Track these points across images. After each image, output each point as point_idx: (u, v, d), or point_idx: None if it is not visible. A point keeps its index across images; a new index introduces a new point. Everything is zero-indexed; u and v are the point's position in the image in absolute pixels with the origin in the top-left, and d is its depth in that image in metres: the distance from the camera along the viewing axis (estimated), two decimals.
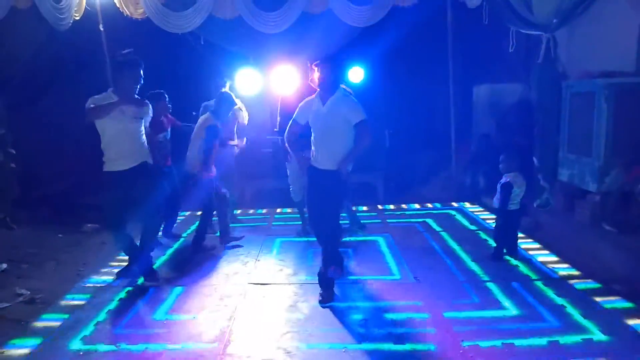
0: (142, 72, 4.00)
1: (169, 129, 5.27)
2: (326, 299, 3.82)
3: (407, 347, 3.14)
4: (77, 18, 5.69)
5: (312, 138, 3.91)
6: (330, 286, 3.91)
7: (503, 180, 4.51)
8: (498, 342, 3.13)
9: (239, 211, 6.59)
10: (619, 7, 4.98)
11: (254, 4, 5.99)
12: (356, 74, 7.18)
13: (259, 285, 4.22)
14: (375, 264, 4.60)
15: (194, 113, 5.53)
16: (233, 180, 5.97)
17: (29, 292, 4.11)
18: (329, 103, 3.77)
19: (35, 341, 3.32)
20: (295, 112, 3.98)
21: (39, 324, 3.60)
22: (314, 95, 3.91)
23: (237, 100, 5.40)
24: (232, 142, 5.62)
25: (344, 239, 4.97)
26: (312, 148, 3.92)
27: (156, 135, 4.85)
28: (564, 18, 4.78)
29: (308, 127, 3.99)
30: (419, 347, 3.13)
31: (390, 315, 3.56)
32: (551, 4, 4.76)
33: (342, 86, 3.86)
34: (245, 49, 7.04)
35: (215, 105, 5.06)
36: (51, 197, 6.81)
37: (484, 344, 3.13)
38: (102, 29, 6.36)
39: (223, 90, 5.29)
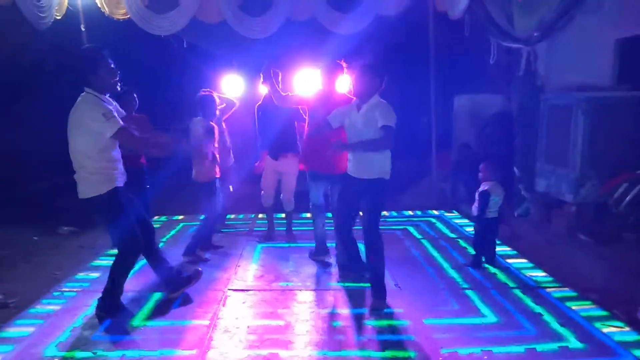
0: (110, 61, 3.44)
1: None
2: (380, 306, 3.77)
3: (387, 354, 3.14)
4: (59, 17, 5.61)
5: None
6: (383, 295, 3.83)
7: (481, 188, 4.59)
8: (477, 349, 3.16)
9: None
10: (597, 23, 5.13)
11: (240, 8, 6.00)
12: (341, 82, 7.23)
13: (239, 292, 4.18)
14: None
15: None
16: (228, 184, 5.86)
17: (2, 296, 4.01)
18: (363, 110, 3.79)
19: (7, 347, 3.24)
20: (330, 119, 4.00)
21: (12, 329, 3.50)
22: (352, 102, 3.94)
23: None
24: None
25: None
26: (349, 156, 3.95)
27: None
28: (545, 32, 4.90)
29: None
30: (399, 354, 3.14)
31: (370, 322, 3.57)
32: (532, 17, 4.87)
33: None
34: (229, 54, 7.04)
35: (201, 109, 4.85)
36: (27, 198, 6.67)
37: (462, 351, 3.15)
38: (83, 29, 6.29)
39: (203, 92, 5.16)
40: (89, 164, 3.38)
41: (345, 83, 4.64)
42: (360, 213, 4.05)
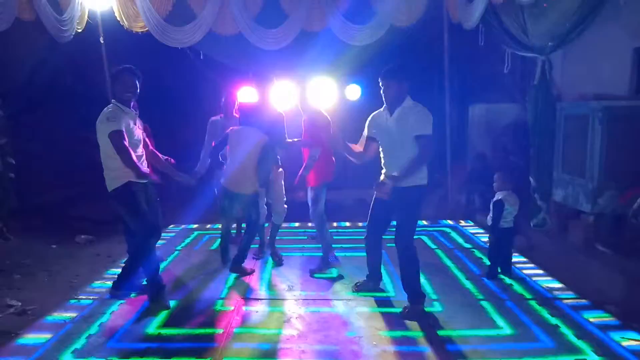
0: (137, 81, 3.89)
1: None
2: (412, 315, 3.77)
3: None
4: (79, 30, 5.75)
5: (380, 152, 3.91)
6: (421, 301, 3.84)
7: (495, 198, 4.56)
8: None
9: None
10: (614, 32, 5.08)
11: (255, 21, 6.08)
12: (353, 92, 7.29)
13: (254, 300, 4.20)
14: None
15: None
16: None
17: (20, 304, 4.08)
18: (396, 114, 3.74)
19: (25, 353, 3.28)
20: (366, 128, 3.95)
21: (30, 335, 3.56)
22: (382, 109, 3.88)
23: None
24: None
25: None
26: (382, 161, 3.91)
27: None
28: (559, 41, 4.86)
29: None
30: None
31: (384, 333, 3.55)
32: (546, 27, 4.84)
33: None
34: (245, 65, 7.13)
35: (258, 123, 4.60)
36: (46, 208, 6.80)
37: None
38: (102, 41, 6.43)
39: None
40: (110, 162, 3.83)
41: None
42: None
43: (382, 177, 3.90)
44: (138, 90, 3.92)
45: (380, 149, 3.93)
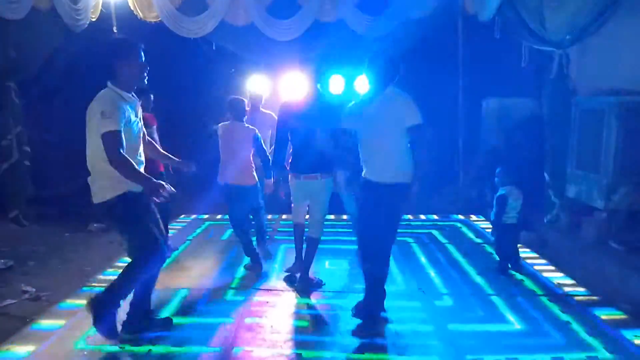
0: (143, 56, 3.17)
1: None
2: (362, 332, 3.41)
3: (410, 358, 3.13)
4: (94, 20, 5.77)
5: (360, 145, 3.47)
6: (372, 321, 3.46)
7: (499, 192, 4.54)
8: (502, 357, 3.11)
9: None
10: (633, 26, 4.98)
11: (267, 11, 6.06)
12: (364, 84, 7.24)
13: (264, 291, 4.22)
14: None
15: None
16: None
17: (34, 290, 4.14)
18: (377, 103, 3.33)
19: (39, 340, 3.33)
20: (343, 121, 3.59)
21: (44, 322, 3.62)
22: (352, 103, 3.53)
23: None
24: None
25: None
26: (362, 157, 3.48)
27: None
28: (578, 35, 4.78)
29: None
30: (422, 359, 3.12)
31: (393, 326, 3.55)
32: (565, 20, 4.76)
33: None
34: (257, 56, 7.11)
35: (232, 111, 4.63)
36: (60, 196, 6.87)
37: (488, 358, 3.11)
38: (115, 31, 6.44)
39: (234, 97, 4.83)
40: (101, 166, 3.04)
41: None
42: None
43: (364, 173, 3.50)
44: None
45: (360, 142, 3.47)
